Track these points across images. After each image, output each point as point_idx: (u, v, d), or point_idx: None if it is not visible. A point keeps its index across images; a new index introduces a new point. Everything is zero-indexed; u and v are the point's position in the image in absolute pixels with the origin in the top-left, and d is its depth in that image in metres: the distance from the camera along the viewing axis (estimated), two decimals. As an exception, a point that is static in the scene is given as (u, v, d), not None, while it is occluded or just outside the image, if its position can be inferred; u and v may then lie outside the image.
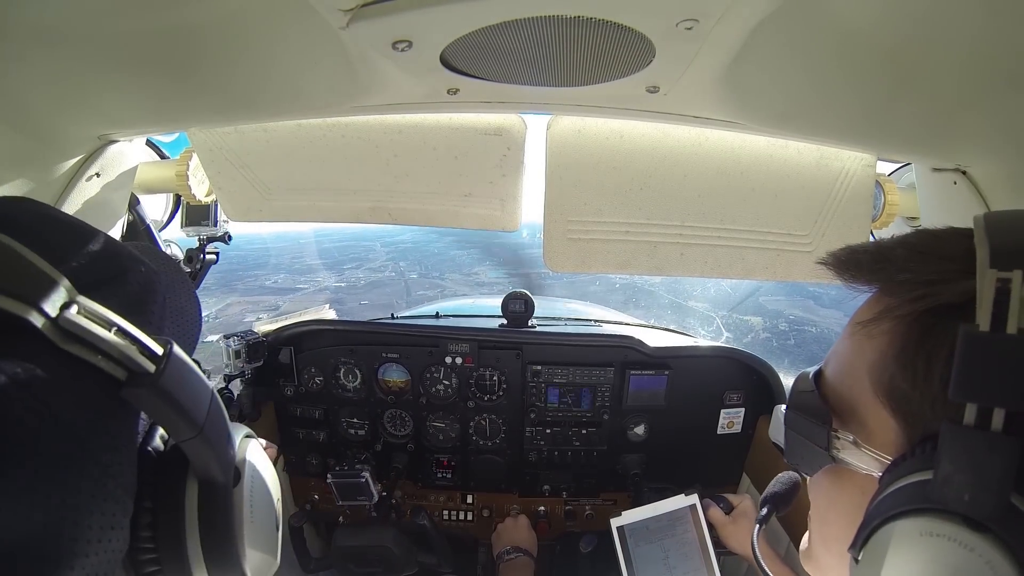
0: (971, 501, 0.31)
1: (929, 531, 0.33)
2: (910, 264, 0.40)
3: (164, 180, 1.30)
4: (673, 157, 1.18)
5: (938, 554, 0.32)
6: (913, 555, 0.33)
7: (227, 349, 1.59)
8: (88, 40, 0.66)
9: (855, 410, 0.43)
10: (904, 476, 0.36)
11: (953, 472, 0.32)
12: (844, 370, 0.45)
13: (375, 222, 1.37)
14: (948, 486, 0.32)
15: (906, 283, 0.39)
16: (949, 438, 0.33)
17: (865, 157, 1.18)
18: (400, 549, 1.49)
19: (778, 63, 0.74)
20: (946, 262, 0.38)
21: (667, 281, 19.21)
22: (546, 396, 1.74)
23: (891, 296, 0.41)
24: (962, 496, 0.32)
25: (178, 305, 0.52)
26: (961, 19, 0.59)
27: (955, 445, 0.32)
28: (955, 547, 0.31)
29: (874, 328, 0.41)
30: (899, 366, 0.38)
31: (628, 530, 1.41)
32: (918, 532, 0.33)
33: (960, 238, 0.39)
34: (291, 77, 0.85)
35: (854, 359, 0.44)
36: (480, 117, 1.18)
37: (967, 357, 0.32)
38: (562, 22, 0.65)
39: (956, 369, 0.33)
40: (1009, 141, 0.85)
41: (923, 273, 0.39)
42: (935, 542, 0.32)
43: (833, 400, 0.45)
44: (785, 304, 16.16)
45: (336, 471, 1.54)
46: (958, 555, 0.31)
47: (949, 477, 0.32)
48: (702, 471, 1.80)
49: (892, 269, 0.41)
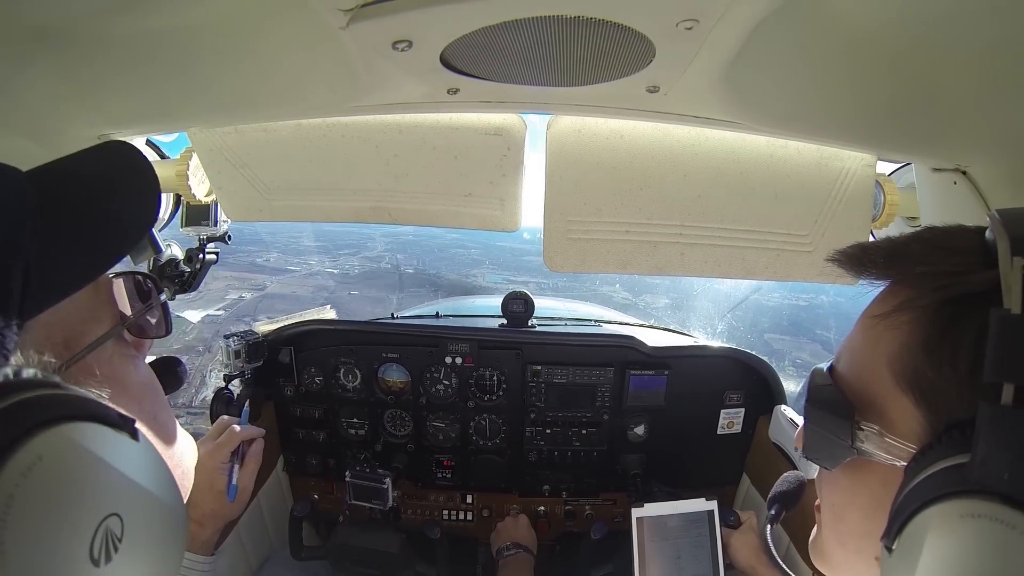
0: (1011, 480, 0.32)
1: (970, 512, 0.33)
2: (928, 257, 0.41)
3: (164, 180, 1.30)
4: (673, 157, 1.18)
5: (981, 535, 0.32)
6: (954, 539, 0.33)
7: (227, 349, 1.59)
8: (88, 40, 0.66)
9: (874, 402, 0.43)
10: (936, 462, 0.36)
11: (991, 452, 0.33)
12: (861, 362, 0.45)
13: (375, 222, 1.37)
14: (987, 466, 0.33)
15: (926, 275, 0.40)
16: (987, 419, 0.33)
17: (865, 157, 1.18)
18: (402, 556, 1.49)
19: (778, 63, 0.74)
20: (963, 255, 0.39)
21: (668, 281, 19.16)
22: (546, 396, 1.73)
23: (910, 288, 0.42)
24: (1002, 475, 0.32)
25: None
26: (961, 19, 0.59)
27: (993, 425, 0.33)
28: (998, 526, 0.32)
29: (894, 319, 0.42)
30: (925, 354, 0.39)
31: (647, 523, 1.41)
32: (958, 515, 0.33)
33: (971, 234, 0.40)
34: (291, 77, 0.85)
35: (872, 351, 0.44)
36: (480, 117, 1.18)
37: (1002, 339, 0.33)
38: (562, 22, 0.65)
39: (991, 351, 0.33)
40: (1009, 141, 0.85)
41: (943, 265, 0.40)
42: (977, 523, 0.32)
43: (850, 393, 0.45)
44: (790, 346, 15.91)
45: (356, 471, 1.53)
46: (1001, 534, 0.31)
47: (988, 457, 0.33)
48: (702, 471, 1.80)
49: (909, 263, 0.42)
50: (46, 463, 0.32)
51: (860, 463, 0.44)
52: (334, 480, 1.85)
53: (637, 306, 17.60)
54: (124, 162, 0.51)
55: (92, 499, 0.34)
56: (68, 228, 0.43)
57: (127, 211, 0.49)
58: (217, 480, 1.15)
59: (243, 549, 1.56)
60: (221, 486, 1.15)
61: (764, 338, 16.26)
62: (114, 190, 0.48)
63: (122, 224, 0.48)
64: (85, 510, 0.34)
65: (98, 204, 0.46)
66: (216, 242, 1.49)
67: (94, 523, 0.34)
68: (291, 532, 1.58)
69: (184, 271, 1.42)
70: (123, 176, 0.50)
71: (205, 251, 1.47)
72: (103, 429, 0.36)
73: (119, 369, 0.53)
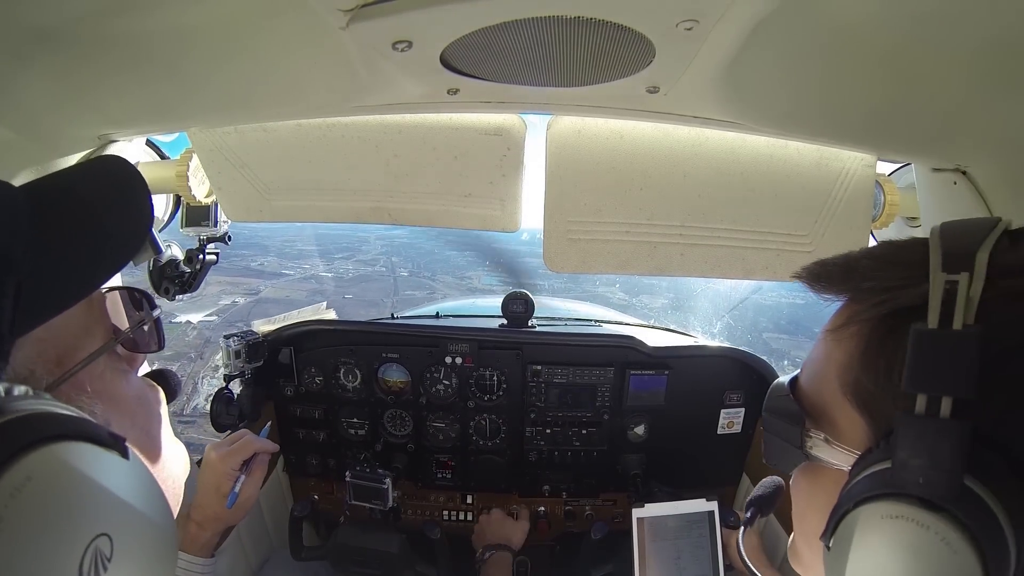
0: (925, 483, 0.35)
1: (890, 514, 0.36)
2: (874, 272, 0.43)
3: (164, 180, 1.30)
4: (673, 157, 1.18)
5: (898, 534, 0.35)
6: (876, 537, 0.36)
7: (227, 349, 1.58)
8: (88, 40, 0.66)
9: (826, 411, 0.46)
10: (869, 466, 0.39)
11: (908, 458, 0.36)
12: (816, 374, 0.48)
13: (375, 222, 1.37)
14: (904, 471, 0.36)
15: (870, 290, 0.42)
16: (903, 427, 0.36)
17: (865, 157, 1.18)
18: (402, 556, 1.49)
19: (778, 63, 0.74)
20: (906, 268, 0.41)
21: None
22: (546, 396, 1.73)
23: (858, 303, 0.44)
24: (917, 479, 0.35)
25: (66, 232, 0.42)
26: (961, 19, 0.59)
27: (908, 433, 0.36)
28: (913, 527, 0.35)
29: (842, 333, 0.44)
30: (863, 366, 0.42)
31: (647, 523, 1.41)
32: (879, 515, 0.36)
33: (920, 246, 0.42)
34: (291, 77, 0.85)
35: (825, 363, 0.46)
36: (480, 117, 1.18)
37: (915, 352, 0.36)
38: (562, 22, 0.65)
39: (908, 364, 0.36)
40: (1009, 141, 0.85)
41: (885, 280, 0.42)
42: (895, 523, 0.35)
43: (807, 403, 0.48)
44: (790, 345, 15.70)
45: (356, 471, 1.53)
46: (916, 534, 0.34)
47: (905, 462, 0.36)
48: (702, 471, 1.80)
49: (858, 278, 0.44)
50: (35, 483, 0.32)
51: (816, 468, 0.47)
52: (334, 480, 1.85)
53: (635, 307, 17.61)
54: (117, 177, 0.51)
55: (81, 520, 0.34)
56: (61, 243, 0.43)
57: (121, 226, 0.49)
58: (224, 484, 1.16)
59: (243, 549, 1.56)
60: (227, 491, 1.15)
61: (763, 337, 16.24)
62: (107, 205, 0.48)
63: (115, 240, 0.48)
64: (74, 531, 0.33)
65: (91, 219, 0.46)
66: (216, 243, 1.49)
67: (83, 543, 0.34)
68: (291, 532, 1.58)
69: (184, 272, 1.42)
70: (116, 191, 0.50)
71: (205, 252, 1.47)
72: (93, 448, 0.36)
73: (111, 384, 0.52)
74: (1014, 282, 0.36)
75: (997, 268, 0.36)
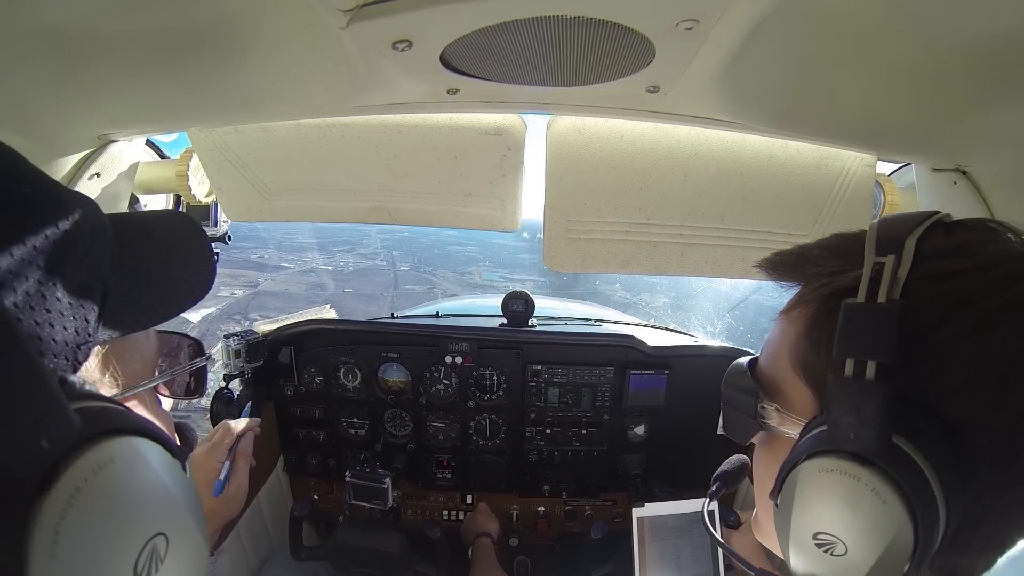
0: (856, 439, 0.39)
1: (826, 468, 0.40)
2: (821, 260, 0.48)
3: (164, 180, 1.30)
4: (673, 157, 1.18)
5: (834, 486, 0.39)
6: (815, 490, 0.40)
7: (227, 349, 1.58)
8: (88, 40, 0.66)
9: (779, 386, 0.51)
10: (811, 430, 0.43)
11: (839, 416, 0.40)
12: (772, 353, 0.53)
13: (375, 222, 1.37)
14: (837, 429, 0.40)
15: (816, 275, 0.48)
16: (834, 389, 0.40)
17: (865, 157, 1.18)
18: (402, 556, 1.49)
19: (778, 63, 0.74)
20: (848, 255, 0.45)
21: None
22: (546, 396, 1.73)
23: (807, 287, 0.49)
24: (848, 436, 0.39)
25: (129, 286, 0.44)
26: (962, 19, 0.59)
27: (839, 393, 0.40)
28: (846, 479, 0.39)
29: (792, 314, 0.49)
30: (808, 341, 0.46)
31: (648, 523, 1.41)
32: (817, 470, 0.40)
33: (862, 236, 0.46)
34: (291, 77, 0.85)
35: (779, 343, 0.51)
36: (480, 117, 1.18)
37: (845, 323, 0.40)
38: (562, 22, 0.65)
39: (837, 333, 0.41)
40: (1009, 141, 0.85)
41: (829, 266, 0.47)
42: (831, 476, 0.39)
43: (764, 380, 0.53)
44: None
45: (356, 471, 1.53)
46: (849, 486, 0.38)
47: (837, 421, 0.40)
48: (702, 471, 1.80)
49: (808, 265, 0.49)
50: (116, 467, 0.32)
51: (771, 438, 0.52)
52: (334, 480, 1.85)
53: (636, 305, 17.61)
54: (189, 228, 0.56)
55: (149, 512, 0.35)
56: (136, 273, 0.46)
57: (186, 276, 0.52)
58: (213, 480, 1.15)
59: (243, 549, 1.56)
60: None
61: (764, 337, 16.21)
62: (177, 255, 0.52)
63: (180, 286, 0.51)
64: (141, 522, 0.34)
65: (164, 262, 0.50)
66: (216, 242, 1.49)
67: (145, 537, 0.34)
68: (291, 532, 1.58)
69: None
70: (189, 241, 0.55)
71: (205, 251, 1.47)
72: (165, 453, 0.37)
73: (146, 414, 0.55)
74: (938, 264, 0.40)
75: (925, 253, 0.41)
